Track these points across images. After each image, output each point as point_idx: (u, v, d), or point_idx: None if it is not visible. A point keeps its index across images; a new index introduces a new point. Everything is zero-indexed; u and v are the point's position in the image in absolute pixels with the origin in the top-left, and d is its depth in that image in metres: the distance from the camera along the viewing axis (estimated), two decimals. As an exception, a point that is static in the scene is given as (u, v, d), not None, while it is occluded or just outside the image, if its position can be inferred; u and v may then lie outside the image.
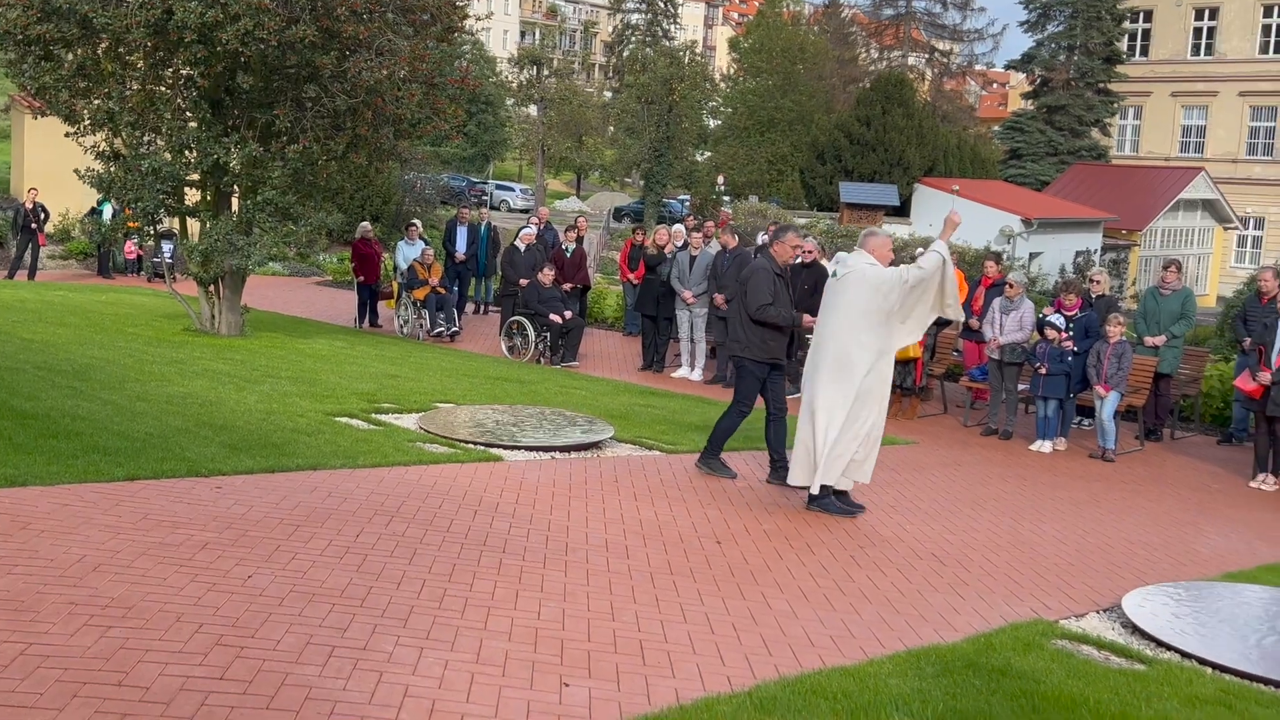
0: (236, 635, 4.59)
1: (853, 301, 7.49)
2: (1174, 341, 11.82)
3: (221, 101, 13.47)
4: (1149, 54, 44.86)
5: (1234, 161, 42.85)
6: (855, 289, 7.51)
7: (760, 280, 8.32)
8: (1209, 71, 43.38)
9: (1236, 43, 43.05)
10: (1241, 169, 42.69)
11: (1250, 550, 7.80)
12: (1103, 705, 4.66)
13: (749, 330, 8.36)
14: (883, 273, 7.51)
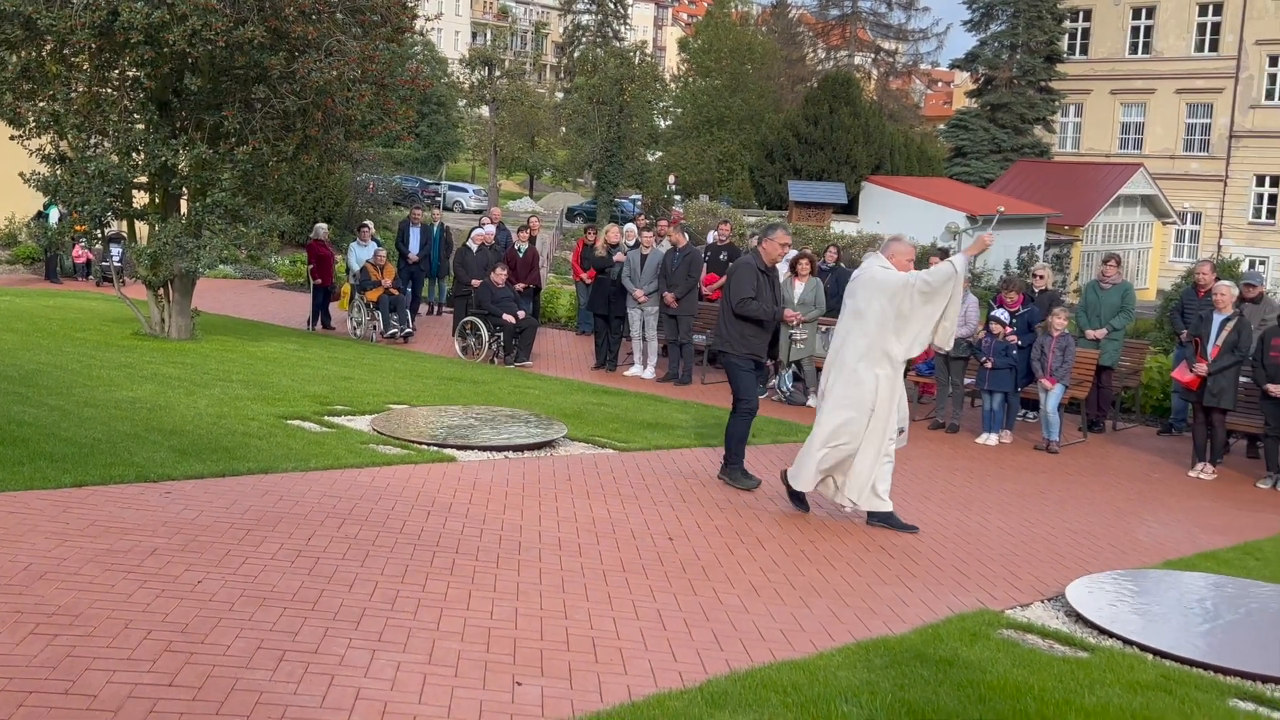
0: (186, 641, 4.57)
1: (859, 305, 7.39)
2: (1115, 334, 12.01)
3: (169, 103, 13.34)
4: (1089, 52, 45.60)
5: (1171, 158, 43.65)
6: (863, 291, 7.42)
7: (743, 275, 8.32)
8: (1146, 69, 44.17)
9: (1173, 41, 43.86)
10: (1179, 165, 43.50)
11: (1190, 538, 7.95)
12: (1047, 693, 4.74)
13: (731, 326, 8.34)
14: (892, 275, 7.38)
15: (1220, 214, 42.99)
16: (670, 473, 8.55)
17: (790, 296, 12.50)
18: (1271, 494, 9.93)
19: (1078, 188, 37.05)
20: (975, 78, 45.93)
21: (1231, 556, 7.38)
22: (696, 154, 47.00)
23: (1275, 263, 39.79)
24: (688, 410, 11.48)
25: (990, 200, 33.64)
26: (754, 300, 8.23)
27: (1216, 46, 43.01)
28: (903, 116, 51.69)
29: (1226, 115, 42.81)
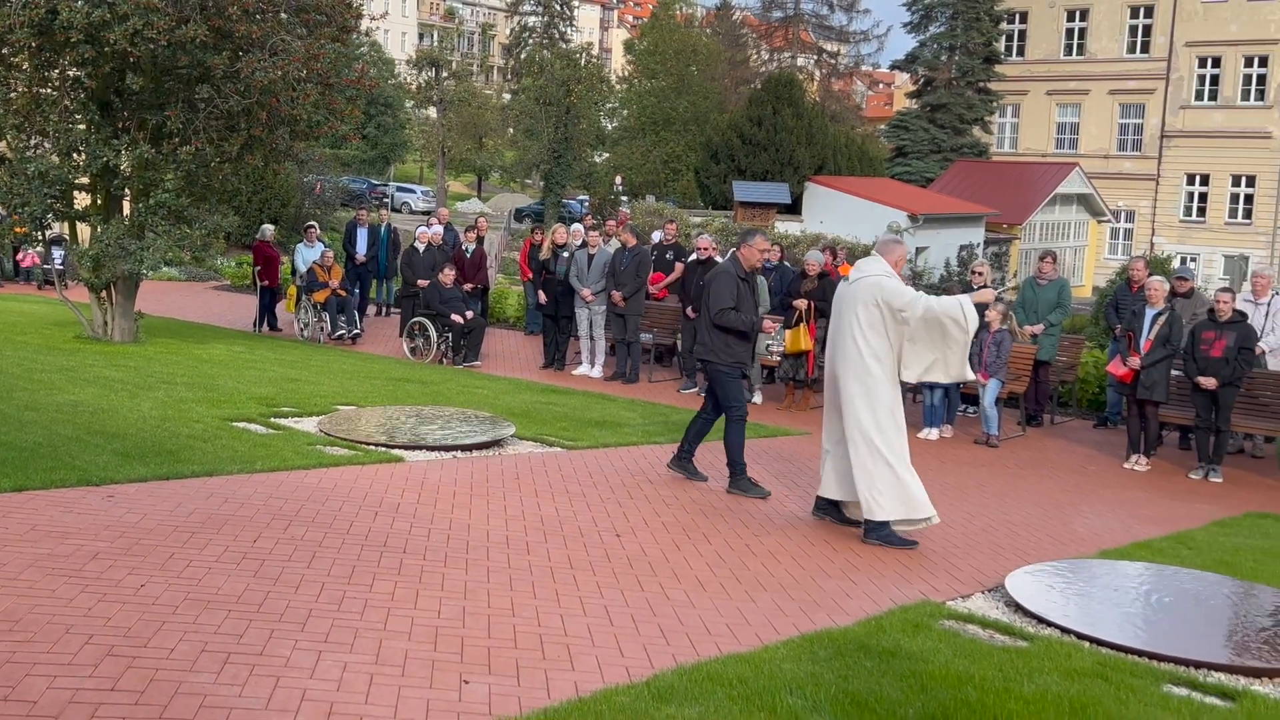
0: (128, 645, 4.54)
1: (860, 312, 7.14)
2: (1051, 330, 12.22)
3: (110, 103, 13.18)
4: (1025, 54, 46.40)
5: (1105, 157, 44.50)
6: (860, 300, 7.15)
7: (722, 284, 8.16)
8: (1081, 71, 45.01)
9: (1106, 43, 44.72)
10: (1113, 164, 44.36)
11: (1125, 528, 8.11)
12: (987, 681, 4.83)
13: (713, 335, 8.21)
14: (900, 285, 7.15)
15: (1153, 212, 43.89)
16: (618, 470, 8.59)
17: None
18: (1203, 484, 10.15)
19: (1015, 187, 37.66)
20: (915, 79, 46.52)
21: (1165, 546, 7.54)
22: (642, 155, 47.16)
23: (1205, 259, 40.64)
24: (635, 408, 11.53)
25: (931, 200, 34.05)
26: (734, 311, 8.09)
27: (1148, 48, 43.91)
28: (845, 117, 52.15)
29: (1158, 115, 43.69)
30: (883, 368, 7.09)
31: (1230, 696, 4.95)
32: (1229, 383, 10.08)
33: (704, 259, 13.27)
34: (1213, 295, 10.80)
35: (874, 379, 7.08)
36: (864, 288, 7.17)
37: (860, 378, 7.09)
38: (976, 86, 44.51)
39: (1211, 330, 10.23)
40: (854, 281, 7.27)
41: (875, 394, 7.08)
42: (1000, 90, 45.20)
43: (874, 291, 7.10)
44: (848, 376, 7.16)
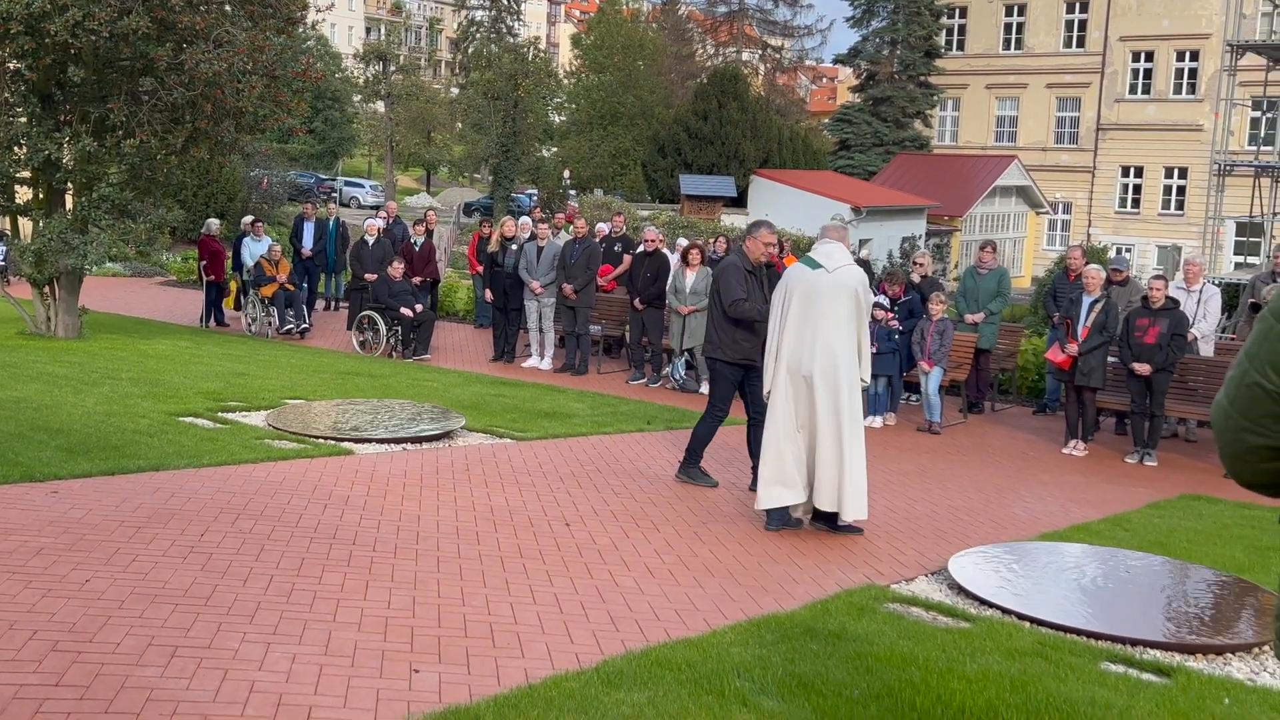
0: (73, 640, 4.52)
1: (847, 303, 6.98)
2: (992, 318, 12.41)
3: (52, 95, 12.99)
4: (965, 48, 47.02)
5: (1043, 150, 45.21)
6: (850, 289, 6.99)
7: (730, 277, 8.01)
8: (1019, 65, 45.70)
9: (1043, 37, 45.43)
10: (1050, 157, 45.09)
11: (1064, 511, 8.27)
12: (931, 662, 4.93)
13: (721, 330, 8.06)
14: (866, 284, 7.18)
15: (1089, 204, 44.64)
16: (567, 460, 8.63)
17: (682, 286, 12.66)
18: (1138, 468, 10.37)
19: (956, 179, 38.16)
20: (858, 73, 46.95)
21: (1102, 528, 7.71)
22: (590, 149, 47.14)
23: (1139, 250, 41.38)
24: (584, 399, 11.57)
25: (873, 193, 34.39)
26: (746, 301, 7.93)
27: (1084, 43, 44.63)
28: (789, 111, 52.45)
29: (1094, 109, 44.42)
30: (855, 364, 7.01)
31: (1165, 673, 5.09)
32: (1162, 368, 10.30)
33: (651, 251, 13.33)
34: (1147, 283, 11.02)
35: (854, 376, 6.98)
36: (850, 277, 6.99)
37: (847, 375, 6.93)
38: (918, 80, 45.01)
39: (1145, 317, 10.44)
40: (834, 271, 7.00)
41: (856, 394, 6.99)
42: (941, 84, 45.77)
43: (859, 287, 7.00)
44: (835, 374, 6.89)
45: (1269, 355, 1.85)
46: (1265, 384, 1.85)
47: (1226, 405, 1.94)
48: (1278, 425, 1.86)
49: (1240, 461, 1.94)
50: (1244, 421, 1.90)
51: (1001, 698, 4.54)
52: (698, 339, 12.72)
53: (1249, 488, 2.02)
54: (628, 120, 47.35)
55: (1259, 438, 1.89)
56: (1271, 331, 1.85)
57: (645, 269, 13.23)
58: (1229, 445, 1.95)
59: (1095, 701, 4.60)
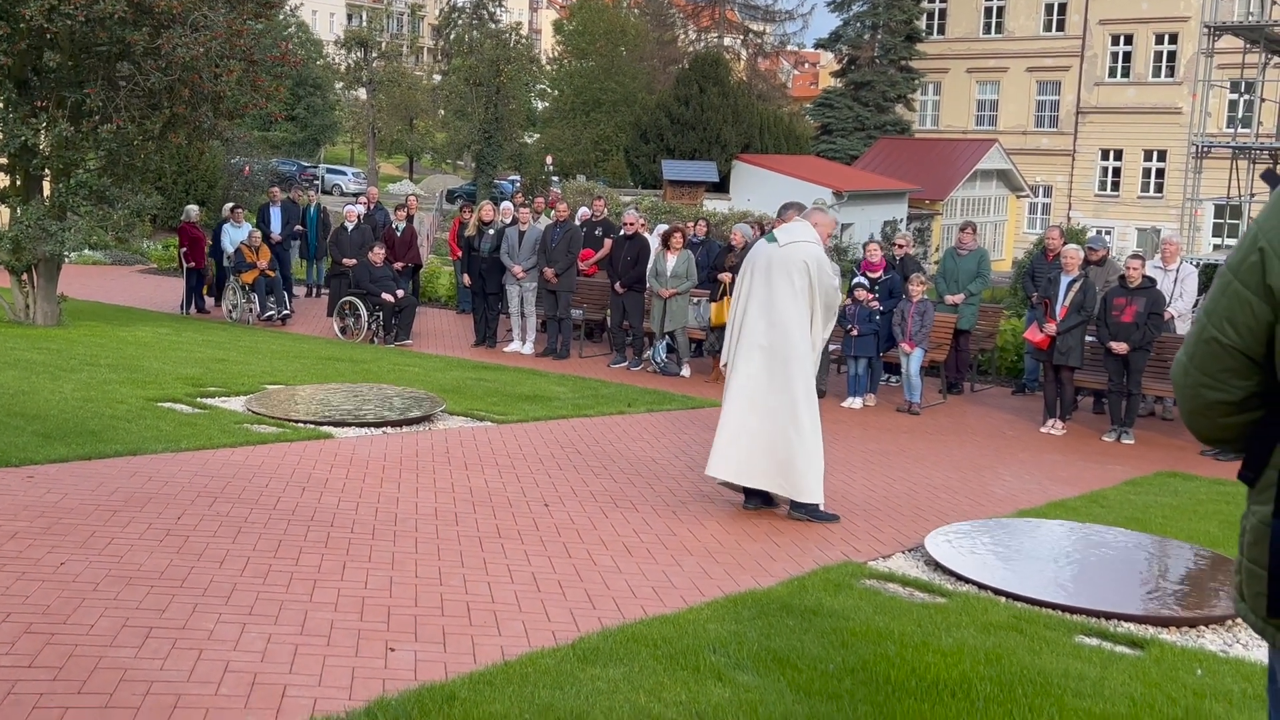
0: (47, 622, 4.51)
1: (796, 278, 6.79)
2: (971, 299, 12.44)
3: (28, 81, 12.90)
4: (945, 32, 47.11)
5: (1024, 133, 45.37)
6: (799, 261, 6.79)
7: None
8: (999, 49, 45.81)
9: (1023, 21, 45.56)
10: (1030, 140, 45.24)
11: (1041, 489, 8.32)
12: (906, 636, 4.95)
13: None
14: (827, 262, 6.92)
15: (1069, 187, 44.80)
16: (547, 443, 8.63)
17: (663, 269, 12.66)
18: (1115, 446, 10.42)
19: (937, 163, 38.23)
20: (839, 57, 46.96)
21: (1079, 505, 7.75)
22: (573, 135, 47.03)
23: (1119, 233, 41.53)
24: (565, 383, 11.57)
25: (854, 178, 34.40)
26: None
27: (1063, 26, 44.73)
28: (771, 96, 52.41)
29: (1073, 92, 44.54)
30: (808, 339, 6.84)
31: (1139, 645, 5.13)
32: (1139, 347, 10.35)
33: (631, 234, 13.32)
34: (1124, 263, 11.06)
35: (806, 350, 6.81)
36: (797, 253, 6.80)
37: (799, 349, 6.78)
38: (899, 65, 45.03)
39: (1123, 296, 10.49)
40: (785, 245, 6.86)
41: (808, 367, 6.83)
42: (922, 68, 45.81)
43: (809, 260, 6.79)
44: (787, 347, 6.78)
45: (1226, 310, 1.86)
46: (1222, 339, 1.86)
47: (1185, 361, 1.95)
48: (1235, 380, 1.88)
49: (1199, 417, 1.96)
50: (1202, 377, 1.91)
51: (976, 670, 4.56)
52: (678, 322, 12.74)
53: (1208, 443, 2.03)
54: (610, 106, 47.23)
55: (1216, 393, 1.90)
56: (1229, 287, 1.86)
57: (625, 253, 13.23)
58: (1188, 401, 1.96)
59: (1069, 673, 4.63)
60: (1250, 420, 1.88)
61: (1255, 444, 1.86)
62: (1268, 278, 1.79)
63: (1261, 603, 1.83)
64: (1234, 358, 1.86)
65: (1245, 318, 1.83)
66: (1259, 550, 1.83)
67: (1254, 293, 1.81)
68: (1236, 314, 1.84)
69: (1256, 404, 1.85)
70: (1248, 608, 1.90)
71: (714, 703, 4.12)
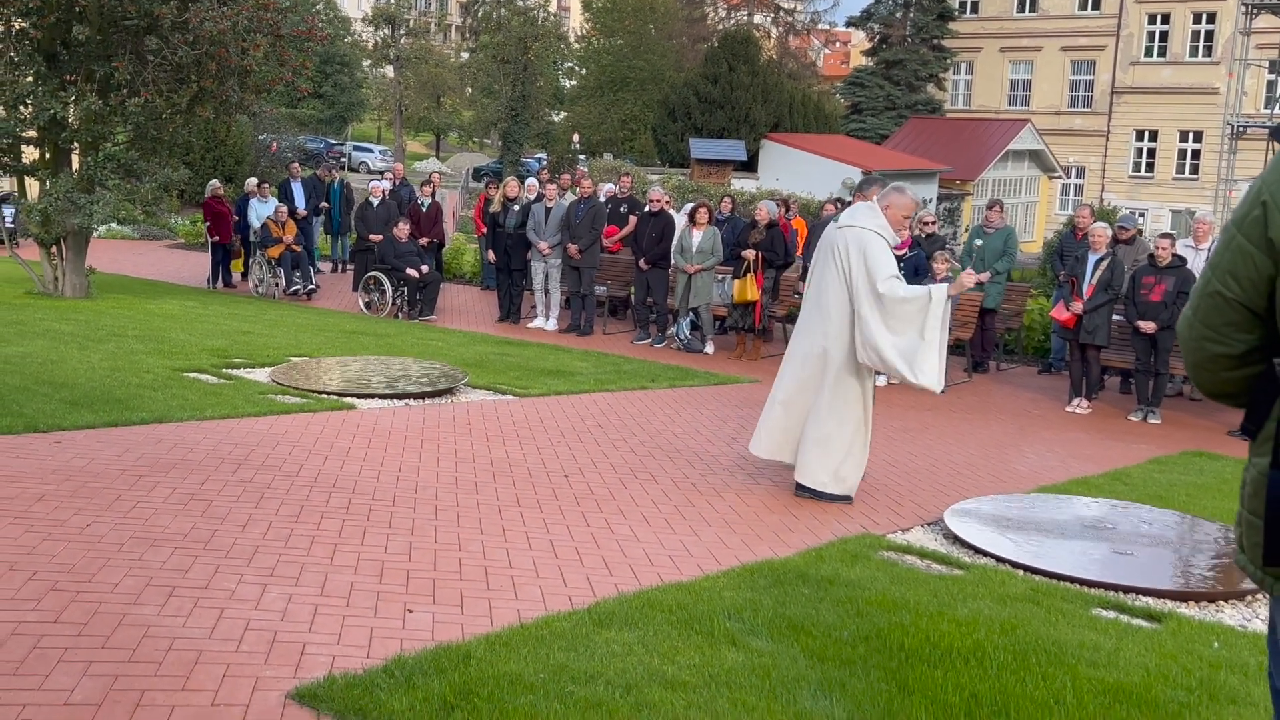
0: (72, 581, 4.58)
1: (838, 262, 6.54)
2: (998, 278, 12.35)
3: (57, 54, 13.00)
4: (979, 10, 46.57)
5: (1057, 114, 44.85)
6: (848, 250, 6.50)
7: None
8: (1033, 27, 45.23)
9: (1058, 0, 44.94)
10: (1064, 121, 44.73)
11: (1064, 466, 8.28)
12: (922, 606, 4.96)
13: None
14: (883, 252, 6.47)
15: (1103, 168, 44.31)
16: (569, 416, 8.66)
17: (689, 245, 12.64)
18: (1141, 425, 10.35)
19: (968, 143, 37.86)
20: (871, 36, 46.49)
21: (1102, 482, 7.71)
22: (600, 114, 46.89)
23: (1153, 215, 41.09)
24: (588, 359, 11.59)
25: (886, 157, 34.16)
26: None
27: (1099, 5, 44.12)
28: (801, 75, 51.98)
29: (1108, 72, 43.98)
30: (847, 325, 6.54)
31: (1157, 619, 5.12)
32: (1168, 326, 10.26)
33: (656, 211, 13.30)
34: (1153, 241, 10.97)
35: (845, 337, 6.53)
36: (845, 236, 6.54)
37: (838, 336, 6.53)
38: (931, 43, 44.58)
39: (1151, 275, 10.40)
40: (840, 228, 6.62)
41: (845, 354, 6.56)
42: (954, 47, 45.33)
43: (851, 245, 6.49)
44: (825, 334, 6.60)
45: (1229, 265, 1.86)
46: (1225, 292, 1.87)
47: (1190, 315, 1.96)
48: (1237, 334, 1.88)
49: (1203, 370, 1.96)
50: (1206, 330, 1.92)
51: (990, 639, 4.57)
52: (703, 299, 12.73)
53: (1211, 397, 2.04)
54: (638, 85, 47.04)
55: (1219, 346, 1.91)
56: (1232, 242, 1.86)
57: (650, 229, 13.22)
58: (1192, 354, 1.97)
59: (1084, 644, 4.63)
60: (1252, 374, 1.88)
61: (1256, 397, 1.87)
62: (1269, 231, 1.79)
63: (1258, 552, 1.84)
64: (1237, 311, 1.86)
65: (1248, 271, 1.83)
66: (1258, 501, 1.84)
67: (1256, 246, 1.82)
68: (1239, 267, 1.84)
69: (1258, 358, 1.86)
70: (1247, 558, 1.91)
71: (727, 666, 4.15)
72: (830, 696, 3.96)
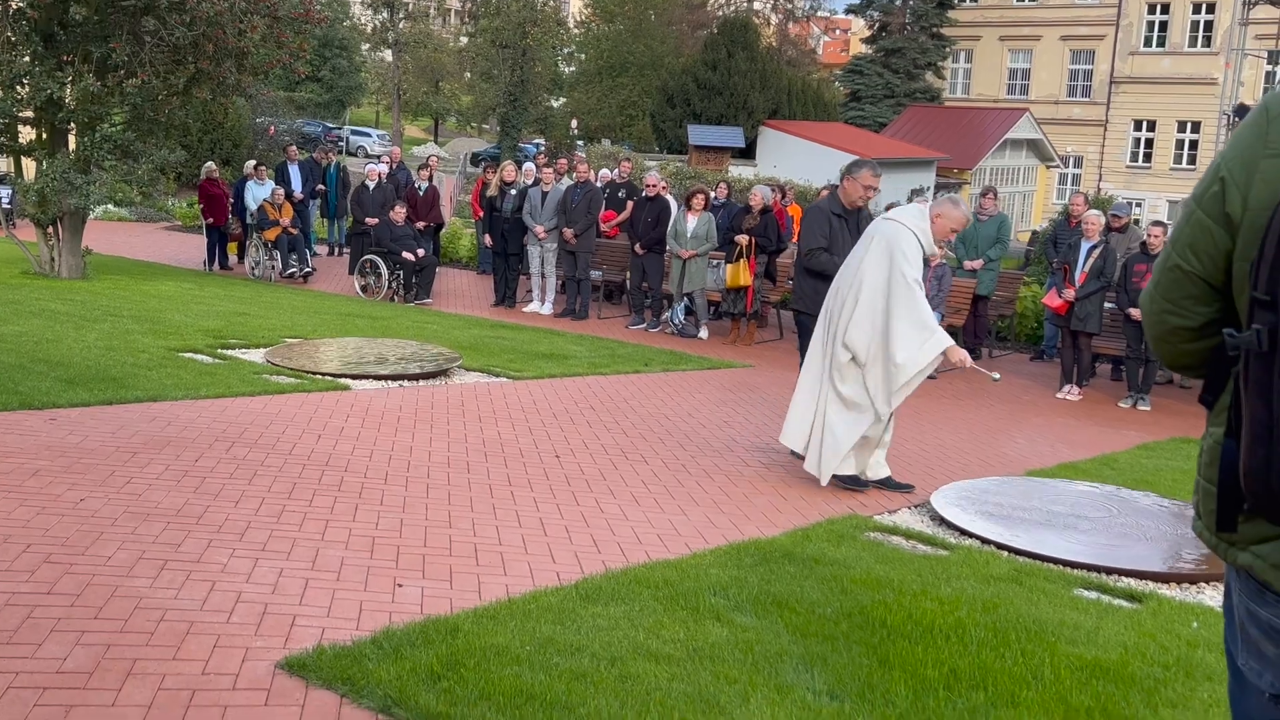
0: (66, 553, 4.64)
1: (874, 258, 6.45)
2: (990, 265, 12.40)
3: (54, 35, 12.99)
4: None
5: (1055, 103, 44.84)
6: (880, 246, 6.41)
7: (813, 222, 7.32)
8: (1033, 16, 45.22)
9: (1058, -12, 45.00)
10: (1062, 110, 44.73)
11: (1053, 451, 8.34)
12: (905, 585, 5.03)
13: (803, 279, 7.40)
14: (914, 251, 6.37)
15: (1100, 157, 44.32)
16: (562, 398, 8.71)
17: (683, 230, 12.68)
18: (1131, 412, 10.42)
19: (966, 132, 37.87)
20: (870, 24, 46.42)
21: (1089, 467, 7.78)
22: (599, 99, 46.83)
23: (1150, 205, 41.08)
24: (583, 343, 11.64)
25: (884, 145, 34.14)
26: (824, 252, 7.26)
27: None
28: (800, 62, 51.97)
29: (1107, 62, 43.95)
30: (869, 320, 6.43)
31: (1137, 599, 5.18)
32: (1160, 314, 10.30)
33: (652, 196, 13.34)
34: (1146, 230, 11.02)
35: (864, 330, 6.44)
36: (884, 228, 6.48)
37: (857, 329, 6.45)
38: (930, 31, 44.51)
39: (1144, 263, 10.45)
40: (885, 219, 6.60)
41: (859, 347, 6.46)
42: (953, 35, 45.28)
43: (887, 237, 6.41)
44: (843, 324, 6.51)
45: (1189, 239, 1.91)
46: (1185, 266, 1.92)
47: (1152, 289, 2.01)
48: (1196, 306, 1.93)
49: (1163, 343, 2.02)
50: (1166, 304, 1.97)
51: (972, 617, 4.63)
52: (697, 284, 12.78)
53: (1173, 369, 2.09)
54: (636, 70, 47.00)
55: (1179, 319, 1.96)
56: (1192, 216, 1.91)
57: (646, 214, 13.25)
58: (1153, 327, 2.02)
59: (1064, 623, 4.69)
60: (1210, 346, 1.93)
61: (1214, 369, 1.92)
62: (1227, 206, 1.84)
63: (1213, 519, 1.89)
64: (1195, 284, 1.91)
65: (1206, 245, 1.88)
66: (1213, 469, 1.90)
67: (1215, 221, 1.86)
68: (1199, 241, 1.89)
69: (1216, 330, 1.91)
70: (1203, 525, 1.96)
71: (711, 641, 4.21)
72: (812, 670, 4.02)
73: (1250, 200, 1.80)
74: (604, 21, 50.89)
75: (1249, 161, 1.82)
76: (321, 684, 3.67)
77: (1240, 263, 1.82)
